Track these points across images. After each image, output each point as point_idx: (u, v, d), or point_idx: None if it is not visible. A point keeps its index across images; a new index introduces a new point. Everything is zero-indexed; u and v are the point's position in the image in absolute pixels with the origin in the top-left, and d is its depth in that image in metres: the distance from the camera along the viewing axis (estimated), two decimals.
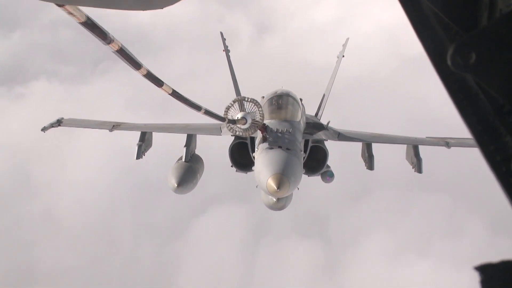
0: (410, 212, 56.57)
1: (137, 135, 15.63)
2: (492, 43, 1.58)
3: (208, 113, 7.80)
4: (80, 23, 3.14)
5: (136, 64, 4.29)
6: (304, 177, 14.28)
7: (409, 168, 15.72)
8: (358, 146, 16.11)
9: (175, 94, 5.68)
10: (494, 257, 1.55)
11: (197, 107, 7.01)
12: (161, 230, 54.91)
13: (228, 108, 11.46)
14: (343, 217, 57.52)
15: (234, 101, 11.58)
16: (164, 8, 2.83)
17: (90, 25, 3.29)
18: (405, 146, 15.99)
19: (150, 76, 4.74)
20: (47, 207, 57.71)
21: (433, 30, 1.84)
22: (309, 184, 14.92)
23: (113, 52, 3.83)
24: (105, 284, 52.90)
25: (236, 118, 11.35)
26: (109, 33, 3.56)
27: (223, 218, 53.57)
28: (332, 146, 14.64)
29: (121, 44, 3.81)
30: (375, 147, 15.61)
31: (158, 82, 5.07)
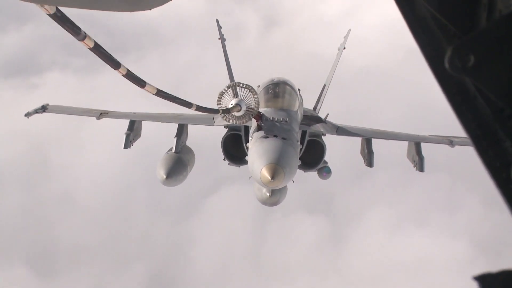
0: (410, 189, 58.65)
1: (125, 123, 15.62)
2: (491, 45, 1.57)
3: (200, 108, 7.75)
4: (49, 15, 3.08)
5: (114, 63, 4.20)
6: (300, 172, 14.29)
7: (410, 166, 15.73)
8: (357, 141, 16.13)
9: (161, 94, 5.60)
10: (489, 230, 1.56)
11: (188, 104, 6.96)
12: (175, 209, 59.68)
13: (221, 94, 11.35)
14: (347, 194, 60.58)
15: (228, 87, 11.48)
16: (152, 10, 2.84)
17: (60, 18, 3.24)
18: (406, 143, 16.00)
19: (130, 76, 4.66)
20: (65, 188, 62.24)
21: (430, 32, 1.83)
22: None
23: (89, 49, 3.76)
24: (122, 261, 57.09)
25: (230, 105, 11.27)
26: (81, 29, 3.50)
27: (235, 197, 56.50)
28: (330, 141, 14.63)
29: (95, 41, 3.75)
30: (375, 143, 15.61)
31: (140, 83, 4.98)
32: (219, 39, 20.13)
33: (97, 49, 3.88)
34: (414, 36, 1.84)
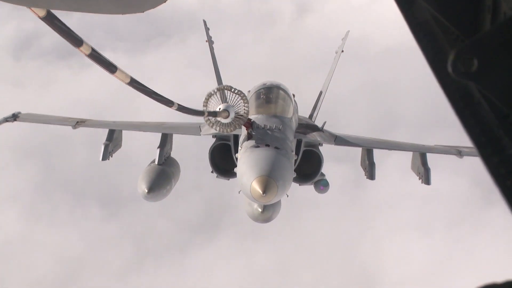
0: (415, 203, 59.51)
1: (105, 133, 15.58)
2: (495, 48, 1.63)
3: (182, 109, 7.50)
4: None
5: (74, 40, 3.94)
6: (295, 185, 14.27)
7: (415, 179, 15.73)
8: (357, 152, 16.14)
9: (135, 85, 5.33)
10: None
11: (167, 102, 6.67)
12: (159, 225, 62.06)
13: (210, 96, 11.23)
14: (346, 210, 61.44)
15: (218, 89, 11.38)
16: (144, 12, 2.92)
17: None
18: (410, 154, 16.02)
19: (96, 58, 4.33)
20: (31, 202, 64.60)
21: (433, 35, 1.90)
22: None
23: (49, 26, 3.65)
24: None
25: (217, 110, 11.10)
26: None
27: (224, 213, 59.76)
28: (327, 152, 14.63)
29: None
30: (377, 154, 15.63)
31: (109, 67, 4.66)
32: (206, 41, 20.21)
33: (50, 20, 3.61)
34: (416, 39, 1.89)
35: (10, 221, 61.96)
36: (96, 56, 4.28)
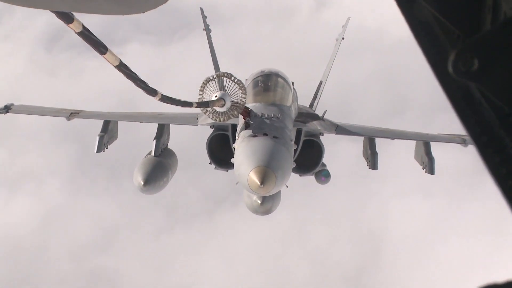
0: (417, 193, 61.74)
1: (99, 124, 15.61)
2: (496, 48, 1.68)
3: (166, 99, 7.26)
4: None
5: (65, 17, 3.74)
6: (295, 176, 14.31)
7: (418, 168, 15.75)
8: (359, 141, 16.16)
9: (122, 69, 5.25)
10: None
11: (151, 91, 6.52)
12: (155, 220, 65.40)
13: (207, 81, 11.13)
14: (348, 200, 63.74)
15: (217, 75, 11.26)
16: (145, 12, 2.96)
17: None
18: (414, 143, 16.04)
19: (86, 37, 4.23)
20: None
21: (433, 35, 1.93)
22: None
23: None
24: None
25: (213, 98, 11.01)
26: None
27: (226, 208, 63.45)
28: (328, 141, 14.63)
29: None
30: (379, 143, 15.64)
31: (98, 47, 4.58)
32: (204, 29, 20.21)
33: None
34: (417, 39, 1.93)
35: (55, 192, 67.38)
36: (86, 35, 4.20)
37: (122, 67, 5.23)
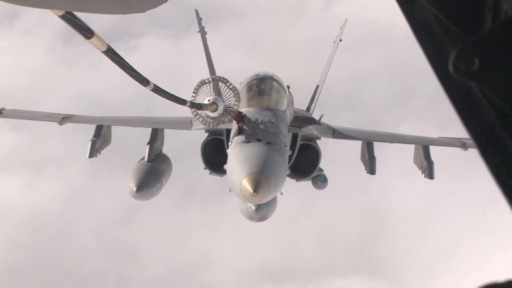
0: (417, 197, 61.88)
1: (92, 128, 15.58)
2: (496, 48, 1.70)
3: (159, 91, 7.09)
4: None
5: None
6: (291, 181, 14.30)
7: (417, 172, 15.71)
8: (357, 145, 16.14)
9: (110, 55, 5.10)
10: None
11: (143, 81, 6.38)
12: (148, 225, 66.22)
13: (202, 84, 11.12)
14: (345, 206, 64.17)
15: (213, 79, 11.28)
16: (145, 12, 2.99)
17: None
18: (413, 146, 15.99)
19: (70, 21, 4.03)
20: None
21: (434, 34, 1.96)
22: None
23: None
24: None
25: (206, 102, 11.01)
26: None
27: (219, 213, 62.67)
28: (325, 145, 14.63)
29: None
30: (377, 147, 15.61)
31: (84, 32, 4.41)
32: (199, 31, 20.25)
33: None
34: (417, 39, 1.96)
35: (77, 175, 68.46)
36: (69, 19, 4.02)
37: (110, 53, 5.12)
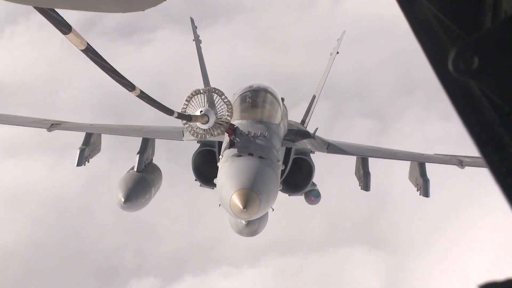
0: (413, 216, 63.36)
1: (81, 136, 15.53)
2: (496, 46, 1.74)
3: (145, 98, 6.82)
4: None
5: None
6: (283, 196, 14.27)
7: (413, 190, 15.67)
8: (351, 160, 16.16)
9: (89, 53, 4.76)
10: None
11: (128, 86, 6.09)
12: (137, 239, 70.40)
13: (196, 94, 11.09)
14: (338, 222, 67.63)
15: (208, 90, 11.21)
16: (145, 10, 3.03)
17: None
18: (408, 163, 15.97)
19: (45, 13, 3.84)
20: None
21: (434, 33, 2.01)
22: None
23: None
24: None
25: (198, 113, 10.95)
26: None
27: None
28: (319, 160, 14.61)
29: None
30: (372, 163, 15.61)
31: (61, 27, 4.17)
32: (193, 40, 20.27)
33: None
34: (417, 38, 2.00)
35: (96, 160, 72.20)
36: (46, 12, 3.84)
37: (90, 52, 4.79)
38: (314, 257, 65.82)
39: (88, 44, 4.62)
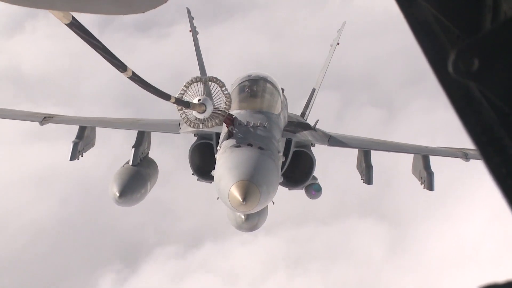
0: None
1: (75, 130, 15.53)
2: (496, 48, 1.77)
3: (137, 80, 6.57)
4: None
5: None
6: (284, 189, 14.27)
7: (416, 183, 15.66)
8: (353, 153, 16.15)
9: (74, 28, 4.42)
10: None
11: (120, 66, 5.87)
12: (134, 236, 75.13)
13: (192, 82, 11.04)
14: (341, 217, 72.38)
15: (210, 80, 11.16)
16: (145, 12, 3.06)
17: None
18: (412, 156, 15.98)
19: None
20: None
21: (433, 34, 2.03)
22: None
23: None
24: None
25: (196, 102, 10.91)
26: None
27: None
28: (320, 153, 14.58)
29: None
30: (375, 156, 15.60)
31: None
32: (190, 31, 20.27)
33: None
34: (417, 39, 2.03)
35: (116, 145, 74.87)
36: None
37: (76, 28, 4.48)
38: (324, 228, 71.29)
39: (73, 17, 4.29)
